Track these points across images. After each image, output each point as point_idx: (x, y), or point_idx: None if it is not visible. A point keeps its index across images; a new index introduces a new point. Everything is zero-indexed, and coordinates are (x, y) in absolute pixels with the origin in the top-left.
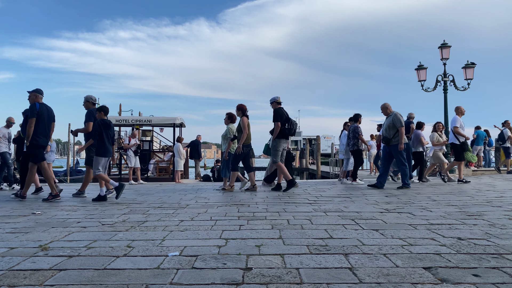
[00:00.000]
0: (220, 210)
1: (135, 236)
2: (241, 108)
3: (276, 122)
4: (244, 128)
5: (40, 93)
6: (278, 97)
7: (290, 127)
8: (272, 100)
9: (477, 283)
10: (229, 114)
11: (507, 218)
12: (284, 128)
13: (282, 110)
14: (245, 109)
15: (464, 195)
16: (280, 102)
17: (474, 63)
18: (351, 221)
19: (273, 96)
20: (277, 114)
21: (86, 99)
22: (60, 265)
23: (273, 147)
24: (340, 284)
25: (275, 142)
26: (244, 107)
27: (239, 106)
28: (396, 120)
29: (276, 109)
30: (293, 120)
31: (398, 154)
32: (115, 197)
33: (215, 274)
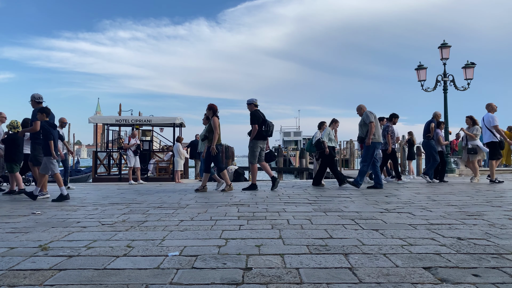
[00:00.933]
0: (220, 210)
1: (135, 236)
2: (212, 108)
3: (254, 124)
4: (215, 128)
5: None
6: (256, 99)
7: (267, 129)
8: (250, 101)
9: (477, 283)
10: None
11: (507, 218)
12: (261, 130)
13: (259, 112)
14: (216, 109)
15: (464, 195)
16: (257, 105)
17: (474, 63)
18: (351, 221)
19: (251, 98)
20: (255, 116)
21: (31, 97)
22: (60, 265)
23: (250, 148)
24: (340, 284)
25: (252, 143)
26: (215, 107)
27: (210, 105)
28: (365, 116)
29: (253, 111)
30: (270, 122)
31: (365, 149)
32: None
33: (215, 274)
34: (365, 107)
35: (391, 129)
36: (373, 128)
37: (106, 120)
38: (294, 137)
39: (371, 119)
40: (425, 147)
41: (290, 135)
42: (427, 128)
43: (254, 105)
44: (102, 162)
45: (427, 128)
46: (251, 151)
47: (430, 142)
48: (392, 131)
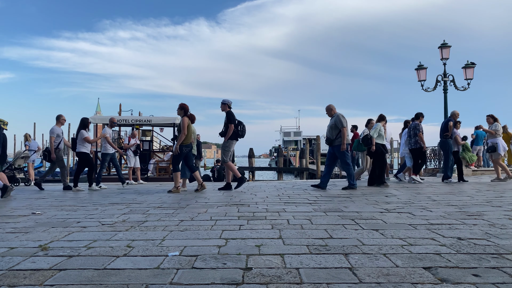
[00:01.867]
0: (220, 210)
1: (135, 236)
2: (183, 107)
3: (231, 124)
4: (183, 128)
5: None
6: (231, 101)
7: (242, 129)
8: (226, 102)
9: (477, 283)
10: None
11: (507, 218)
12: (237, 130)
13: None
14: (187, 109)
15: (464, 195)
16: (231, 107)
17: (474, 63)
18: (351, 221)
19: (227, 99)
20: (232, 116)
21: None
22: (60, 265)
23: (224, 147)
24: (340, 284)
25: (228, 143)
26: (186, 106)
27: (182, 105)
28: (338, 121)
29: (228, 111)
30: (243, 122)
31: (341, 154)
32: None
33: (215, 274)
34: (335, 108)
35: (421, 127)
36: (345, 133)
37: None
38: (294, 137)
39: (344, 124)
40: (442, 146)
41: (290, 135)
42: (444, 127)
43: (228, 106)
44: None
45: (445, 127)
46: (225, 150)
47: (448, 141)
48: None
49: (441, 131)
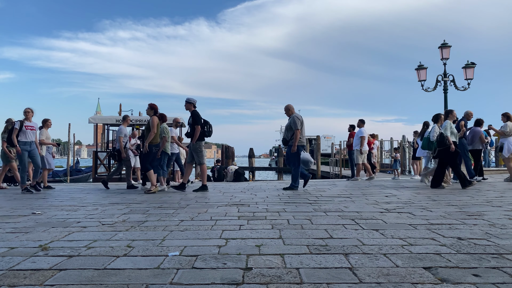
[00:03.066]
0: (220, 210)
1: (135, 236)
2: (153, 107)
3: (197, 125)
4: (153, 127)
5: None
6: (195, 100)
7: (208, 129)
8: (190, 100)
9: (477, 283)
10: (160, 115)
11: (507, 218)
12: (204, 131)
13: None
14: (157, 109)
15: (464, 195)
16: (196, 106)
17: (474, 63)
18: (351, 221)
19: (192, 97)
20: (197, 117)
21: None
22: (60, 265)
23: (196, 149)
24: (340, 284)
25: (197, 144)
26: (155, 106)
27: (151, 105)
28: (293, 122)
29: (194, 111)
30: (209, 122)
31: (292, 155)
32: None
33: (215, 274)
34: (293, 109)
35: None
36: (298, 135)
37: (106, 120)
38: None
39: (297, 127)
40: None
41: None
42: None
43: (193, 105)
44: (102, 162)
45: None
46: (198, 151)
47: (462, 141)
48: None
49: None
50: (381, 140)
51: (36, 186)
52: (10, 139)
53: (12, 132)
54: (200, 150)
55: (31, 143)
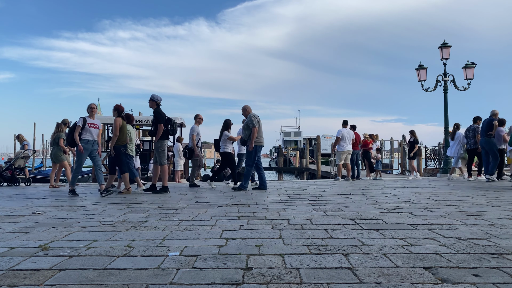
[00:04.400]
0: (220, 210)
1: (135, 236)
2: (117, 109)
3: (160, 123)
4: (116, 129)
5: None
6: (160, 98)
7: (172, 127)
8: (154, 98)
9: (477, 283)
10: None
11: (507, 218)
12: (167, 129)
13: (162, 110)
14: (121, 110)
15: (464, 195)
16: (159, 104)
17: (474, 63)
18: (351, 221)
19: (156, 95)
20: (160, 115)
21: None
22: (60, 265)
23: (158, 148)
24: (340, 284)
25: (160, 143)
26: (120, 108)
27: (115, 106)
28: (249, 121)
29: (157, 109)
30: (174, 120)
31: (247, 154)
32: None
33: (215, 274)
34: (250, 109)
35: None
36: (255, 133)
37: (107, 120)
38: (294, 137)
39: (254, 124)
40: (486, 145)
41: (290, 135)
42: (488, 126)
43: (156, 103)
44: (103, 162)
45: (488, 126)
46: (159, 151)
47: (491, 140)
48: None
49: (484, 130)
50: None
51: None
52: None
53: (74, 130)
54: (162, 149)
55: (93, 142)
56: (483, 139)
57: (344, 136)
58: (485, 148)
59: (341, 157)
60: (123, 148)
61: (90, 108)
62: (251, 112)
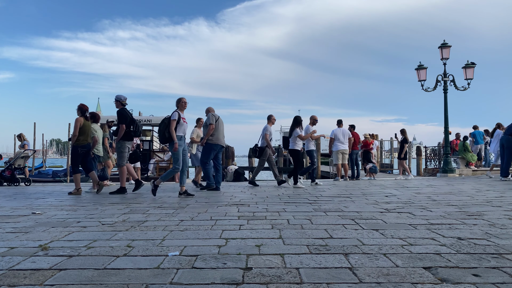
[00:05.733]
0: (220, 209)
1: (135, 236)
2: (80, 108)
3: (121, 124)
4: (75, 128)
5: None
6: (124, 98)
7: (135, 129)
8: (118, 98)
9: (477, 283)
10: (92, 114)
11: (507, 218)
12: (129, 130)
13: (126, 110)
14: (85, 109)
15: (464, 195)
16: (125, 104)
17: (474, 63)
18: (351, 221)
19: (121, 95)
20: (122, 115)
21: None
22: (60, 264)
23: (118, 149)
24: (340, 284)
25: (120, 144)
26: (84, 107)
27: (79, 106)
28: (207, 118)
29: (120, 109)
30: (138, 121)
31: (202, 152)
32: None
33: (215, 274)
34: (213, 110)
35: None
36: (211, 130)
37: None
38: None
39: (211, 121)
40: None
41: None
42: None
43: (121, 103)
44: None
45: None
46: (119, 152)
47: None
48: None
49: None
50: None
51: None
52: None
53: (169, 125)
54: (122, 150)
55: (184, 138)
56: (505, 136)
57: (337, 136)
58: (504, 145)
59: (338, 157)
60: (81, 148)
61: (183, 103)
62: (212, 112)
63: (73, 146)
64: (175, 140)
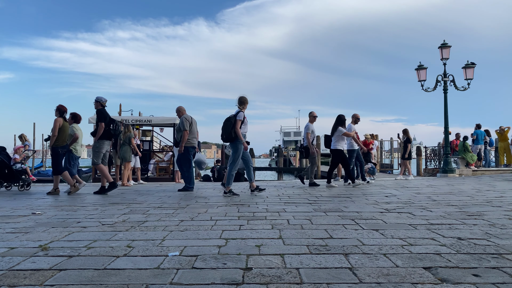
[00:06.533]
0: (220, 210)
1: (135, 236)
2: (59, 109)
3: (100, 122)
4: (55, 128)
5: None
6: (104, 100)
7: (115, 128)
8: (98, 99)
9: (477, 283)
10: (73, 114)
11: (507, 218)
12: (108, 129)
13: (105, 111)
14: (63, 110)
15: (464, 195)
16: (104, 105)
17: (474, 63)
18: (351, 221)
19: (101, 96)
20: (101, 115)
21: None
22: (60, 265)
23: (95, 148)
24: (340, 284)
25: (98, 143)
26: (62, 108)
27: (58, 107)
28: (181, 123)
29: (99, 109)
30: (117, 121)
31: (180, 156)
32: None
33: (215, 274)
34: (183, 111)
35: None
36: (186, 136)
37: None
38: (294, 137)
39: (185, 127)
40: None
41: (290, 135)
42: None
43: (100, 104)
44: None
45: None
46: (96, 151)
47: None
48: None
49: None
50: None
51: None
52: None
53: (234, 125)
54: (98, 150)
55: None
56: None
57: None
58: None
59: None
60: (61, 149)
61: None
62: (185, 113)
63: (53, 148)
64: (242, 140)
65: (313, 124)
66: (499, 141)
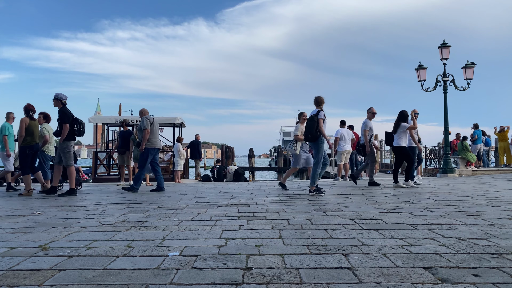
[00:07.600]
0: (220, 210)
1: (135, 236)
2: (25, 108)
3: (65, 123)
4: (21, 129)
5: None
6: (65, 97)
7: (79, 128)
8: (58, 97)
9: (477, 283)
10: (44, 114)
11: (507, 218)
12: (73, 130)
13: (68, 110)
14: (30, 109)
15: (464, 195)
16: (65, 103)
17: (474, 63)
18: (351, 221)
19: (60, 94)
20: (65, 115)
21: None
22: (60, 265)
23: (63, 149)
24: (340, 284)
25: (65, 144)
26: (29, 107)
27: (25, 106)
28: (141, 123)
29: (62, 109)
30: (81, 120)
31: (140, 156)
32: None
33: (215, 274)
34: (146, 112)
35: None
36: (147, 135)
37: (106, 120)
38: None
39: (146, 126)
40: None
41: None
42: None
43: (61, 102)
44: (102, 162)
45: None
46: (65, 152)
47: None
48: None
49: None
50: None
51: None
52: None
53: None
54: (68, 150)
55: None
56: None
57: (343, 136)
58: None
59: (341, 157)
60: (29, 149)
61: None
62: (147, 114)
63: (20, 147)
64: (327, 138)
65: (371, 121)
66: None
